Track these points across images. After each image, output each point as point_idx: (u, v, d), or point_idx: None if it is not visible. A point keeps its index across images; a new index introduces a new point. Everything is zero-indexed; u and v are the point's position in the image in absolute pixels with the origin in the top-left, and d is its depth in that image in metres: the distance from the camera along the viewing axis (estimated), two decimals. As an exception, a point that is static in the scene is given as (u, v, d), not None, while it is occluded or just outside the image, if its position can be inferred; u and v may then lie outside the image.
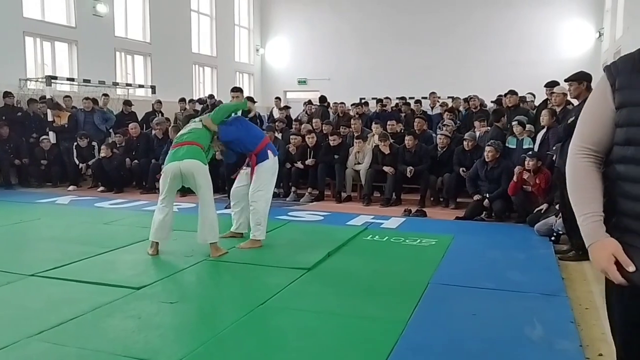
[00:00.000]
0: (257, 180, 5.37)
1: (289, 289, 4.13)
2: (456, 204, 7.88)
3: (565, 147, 5.11)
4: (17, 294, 4.04)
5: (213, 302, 3.96)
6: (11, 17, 10.98)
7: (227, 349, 3.09)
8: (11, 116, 10.36)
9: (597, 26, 16.52)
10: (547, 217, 6.06)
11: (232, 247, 5.34)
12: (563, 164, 5.04)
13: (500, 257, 5.17)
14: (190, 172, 4.88)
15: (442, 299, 3.94)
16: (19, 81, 10.91)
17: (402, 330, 3.28)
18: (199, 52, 17.17)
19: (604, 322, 3.56)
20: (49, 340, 3.14)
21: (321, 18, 18.99)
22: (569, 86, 5.16)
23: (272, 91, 18.78)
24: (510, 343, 3.17)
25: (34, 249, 5.49)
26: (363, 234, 6.09)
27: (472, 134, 8.12)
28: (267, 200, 5.42)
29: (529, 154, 6.65)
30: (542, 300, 3.89)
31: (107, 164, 9.58)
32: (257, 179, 5.37)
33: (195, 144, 5.02)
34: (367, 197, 8.37)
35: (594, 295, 4.15)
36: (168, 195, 5.05)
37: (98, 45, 13.08)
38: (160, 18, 15.12)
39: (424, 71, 17.17)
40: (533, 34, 16.84)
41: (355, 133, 9.21)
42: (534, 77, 12.27)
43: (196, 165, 4.89)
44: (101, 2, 13.08)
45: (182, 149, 4.97)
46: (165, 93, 13.77)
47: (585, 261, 5.11)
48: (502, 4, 17.13)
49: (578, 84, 5.04)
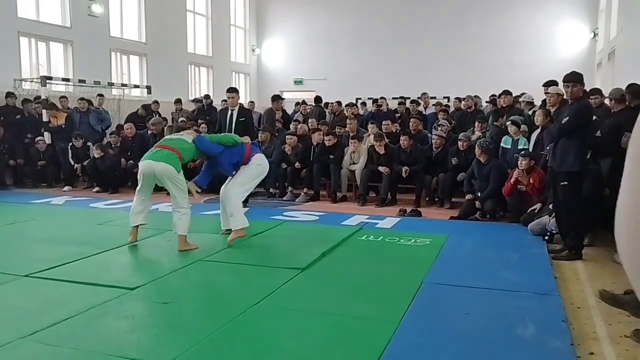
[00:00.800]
0: (235, 177, 5.67)
1: (283, 288, 4.14)
2: (451, 203, 7.90)
3: (557, 147, 5.14)
4: (11, 294, 4.04)
5: (207, 302, 3.97)
6: (6, 17, 10.95)
7: (220, 349, 3.10)
8: (9, 117, 10.34)
9: (591, 26, 16.57)
10: (540, 216, 6.09)
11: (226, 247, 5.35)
12: (555, 164, 5.09)
13: (493, 256, 5.20)
14: (162, 176, 5.14)
15: (435, 299, 3.96)
16: (14, 81, 10.88)
17: (395, 330, 3.29)
18: (195, 52, 17.15)
19: (595, 321, 3.60)
20: (42, 341, 3.14)
21: (317, 18, 19.00)
22: (568, 87, 5.12)
23: (268, 91, 18.72)
24: (503, 342, 3.19)
25: (28, 250, 5.48)
26: (358, 234, 6.10)
27: (466, 134, 8.15)
28: (238, 193, 5.58)
29: (522, 153, 6.70)
30: (535, 300, 3.91)
31: (101, 164, 9.56)
32: (237, 176, 5.66)
33: (177, 153, 5.22)
34: (363, 197, 8.39)
35: (587, 295, 4.18)
36: (144, 188, 5.35)
37: (93, 46, 13.06)
38: (155, 18, 15.10)
39: (420, 71, 17.22)
40: (528, 35, 16.89)
41: (350, 133, 9.23)
42: (529, 78, 12.33)
43: (169, 171, 5.11)
44: (96, 2, 13.05)
45: (164, 152, 5.22)
46: (161, 93, 13.75)
47: (578, 260, 5.16)
48: (497, 5, 17.18)
49: (579, 84, 5.06)
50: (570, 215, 5.18)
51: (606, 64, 14.22)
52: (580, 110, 4.99)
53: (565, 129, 5.02)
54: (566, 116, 5.02)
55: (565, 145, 5.06)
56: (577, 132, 5.05)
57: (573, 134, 5.03)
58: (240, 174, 5.63)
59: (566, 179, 5.08)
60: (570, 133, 5.02)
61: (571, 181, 5.07)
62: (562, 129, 5.03)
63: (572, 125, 4.97)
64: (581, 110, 5.01)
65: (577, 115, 4.96)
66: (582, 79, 5.12)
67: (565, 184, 5.08)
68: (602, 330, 3.44)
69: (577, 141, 5.05)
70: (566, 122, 4.99)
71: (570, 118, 4.96)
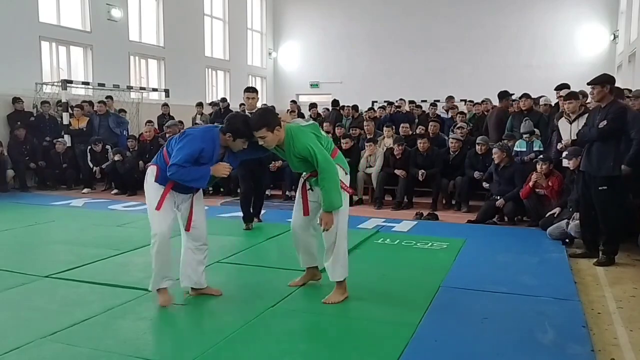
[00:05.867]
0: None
1: (300, 291, 4.14)
2: (468, 207, 7.84)
3: (592, 151, 5.05)
4: (31, 295, 4.10)
5: (224, 304, 3.97)
6: (27, 22, 11.13)
7: (237, 351, 3.11)
8: (25, 120, 10.53)
9: (611, 28, 16.37)
10: (560, 220, 6.01)
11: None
12: (592, 168, 4.99)
13: (512, 260, 5.14)
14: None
15: (453, 303, 3.93)
16: (35, 85, 11.05)
17: (412, 334, 3.27)
18: (212, 56, 17.28)
19: (616, 327, 3.54)
20: (62, 341, 3.18)
21: (333, 22, 19.03)
22: (591, 89, 5.06)
23: (284, 94, 18.88)
24: (521, 347, 3.15)
25: (48, 251, 5.56)
26: (374, 237, 6.08)
27: (484, 138, 8.08)
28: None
29: (540, 157, 6.65)
30: (554, 305, 3.86)
31: (120, 166, 9.71)
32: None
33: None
34: (379, 201, 8.36)
35: (607, 300, 4.11)
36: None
37: (112, 49, 13.22)
38: (173, 22, 15.25)
39: (436, 74, 17.16)
40: (547, 37, 16.75)
41: (368, 135, 9.22)
42: (548, 80, 12.18)
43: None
44: (116, 7, 13.22)
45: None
46: (179, 97, 13.88)
47: (599, 266, 5.07)
48: (514, 7, 17.05)
49: (601, 87, 4.98)
50: (607, 220, 5.08)
51: (626, 67, 14.03)
52: (617, 114, 4.90)
53: (604, 134, 4.91)
54: (603, 120, 4.93)
55: (602, 149, 4.96)
56: (616, 136, 4.96)
57: (611, 138, 4.94)
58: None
59: (605, 184, 5.00)
60: (608, 137, 4.93)
61: (611, 186, 4.99)
62: (601, 134, 4.93)
63: (611, 129, 4.88)
64: (618, 113, 4.91)
65: (615, 119, 4.87)
66: (607, 81, 5.01)
67: (604, 188, 5.00)
68: (623, 336, 3.39)
69: (615, 145, 4.97)
70: (605, 126, 4.89)
71: (609, 122, 4.87)
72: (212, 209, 7.41)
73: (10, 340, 3.18)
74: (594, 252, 5.29)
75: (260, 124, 3.59)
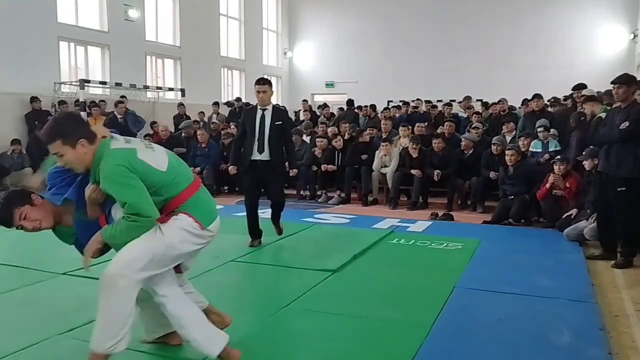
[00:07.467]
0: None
1: (314, 291, 4.14)
2: (484, 207, 7.78)
3: (612, 152, 4.98)
4: (48, 292, 4.15)
5: (237, 303, 3.99)
6: (46, 22, 11.29)
7: (250, 350, 3.11)
8: (43, 119, 10.63)
9: (630, 28, 16.16)
10: (577, 222, 5.95)
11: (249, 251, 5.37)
12: (611, 169, 4.92)
13: (527, 261, 5.09)
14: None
15: (467, 304, 3.90)
16: (54, 84, 11.19)
17: (426, 335, 3.26)
18: (228, 56, 17.36)
19: (634, 330, 3.48)
20: (79, 338, 3.21)
21: (348, 21, 19.02)
22: (616, 88, 4.96)
23: (300, 94, 18.90)
24: (537, 349, 3.12)
25: (65, 248, 5.58)
26: (389, 237, 6.07)
27: (500, 138, 8.02)
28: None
29: (558, 158, 6.57)
30: (571, 307, 3.82)
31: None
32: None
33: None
34: (394, 201, 8.34)
35: (625, 302, 4.05)
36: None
37: (129, 49, 13.35)
38: (189, 22, 15.35)
39: (451, 74, 17.06)
40: (564, 37, 16.58)
41: (384, 134, 9.21)
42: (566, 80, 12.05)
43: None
44: (133, 7, 13.35)
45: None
46: (194, 96, 13.96)
47: (617, 268, 5.00)
48: (531, 6, 16.89)
49: (627, 86, 4.91)
50: (626, 222, 5.01)
51: (646, 66, 13.84)
52: (639, 115, 4.83)
53: (626, 135, 4.84)
54: (624, 121, 4.86)
55: (622, 150, 4.89)
56: (637, 137, 4.89)
57: (632, 139, 4.87)
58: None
59: (625, 185, 4.93)
60: (630, 139, 4.86)
61: (630, 187, 4.92)
62: (623, 135, 4.86)
63: (633, 131, 4.81)
64: None
65: (637, 120, 4.78)
66: (632, 80, 4.94)
67: (623, 189, 4.93)
68: (641, 339, 3.34)
69: (635, 146, 4.89)
70: (627, 127, 4.82)
71: (631, 124, 4.80)
72: (227, 207, 7.44)
73: (27, 336, 3.22)
74: (611, 254, 5.22)
75: (52, 134, 2.49)
